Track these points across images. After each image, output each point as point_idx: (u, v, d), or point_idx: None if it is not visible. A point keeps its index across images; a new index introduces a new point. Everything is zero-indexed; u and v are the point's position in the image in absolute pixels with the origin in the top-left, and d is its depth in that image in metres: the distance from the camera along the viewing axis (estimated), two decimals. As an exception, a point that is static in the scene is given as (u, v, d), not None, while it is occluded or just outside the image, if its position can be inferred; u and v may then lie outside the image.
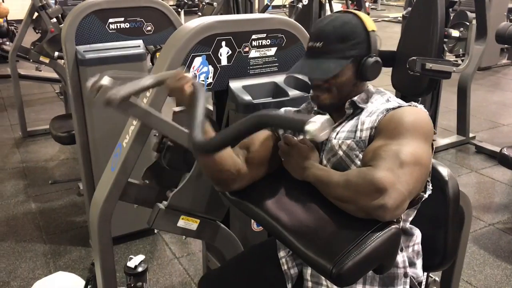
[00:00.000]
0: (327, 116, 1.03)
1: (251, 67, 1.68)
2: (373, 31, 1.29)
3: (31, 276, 2.46)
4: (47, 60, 4.07)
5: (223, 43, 1.58)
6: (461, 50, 3.62)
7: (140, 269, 2.17)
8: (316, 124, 0.98)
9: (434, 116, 4.24)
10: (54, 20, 3.80)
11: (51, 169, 3.75)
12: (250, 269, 1.47)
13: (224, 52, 1.59)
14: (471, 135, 4.27)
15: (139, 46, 2.47)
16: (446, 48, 3.59)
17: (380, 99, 1.32)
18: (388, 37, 8.38)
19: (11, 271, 2.50)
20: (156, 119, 1.44)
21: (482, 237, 2.82)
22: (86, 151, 2.50)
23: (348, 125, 1.28)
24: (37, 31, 4.39)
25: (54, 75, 4.40)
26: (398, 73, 3.70)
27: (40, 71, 5.22)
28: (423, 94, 3.65)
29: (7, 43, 5.92)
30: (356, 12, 1.30)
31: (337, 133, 1.29)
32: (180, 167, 1.60)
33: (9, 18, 6.81)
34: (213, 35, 1.55)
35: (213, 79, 1.62)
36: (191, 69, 1.55)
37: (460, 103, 4.23)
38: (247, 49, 1.64)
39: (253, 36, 1.64)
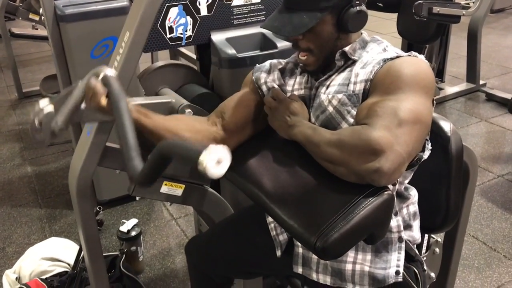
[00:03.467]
0: (223, 146, 0.85)
1: (234, 17, 1.53)
2: None
3: (27, 241, 2.42)
4: (37, 18, 3.92)
5: (202, -10, 1.43)
6: (471, -9, 3.39)
7: (133, 233, 2.12)
8: (210, 155, 0.80)
9: (442, 63, 4.06)
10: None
11: (47, 131, 3.66)
12: (238, 234, 1.39)
13: (203, 0, 1.44)
14: (481, 82, 4.08)
15: (122, -1, 2.31)
16: (455, -10, 3.38)
17: (377, 48, 1.18)
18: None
19: (6, 237, 2.46)
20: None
21: (490, 189, 2.72)
22: (74, 112, 2.40)
23: (339, 78, 1.15)
24: (24, -14, 4.20)
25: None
26: (404, 19, 3.51)
27: (37, 29, 5.06)
28: (430, 40, 3.46)
29: (0, 1, 5.74)
30: None
31: (327, 87, 1.16)
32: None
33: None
34: (189, -18, 1.40)
35: (192, 32, 1.47)
36: (167, 21, 1.41)
37: (470, 48, 4.01)
38: (229, -4, 1.49)
39: (236, -18, 1.48)
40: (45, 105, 1.13)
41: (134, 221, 2.15)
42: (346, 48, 1.16)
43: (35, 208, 2.69)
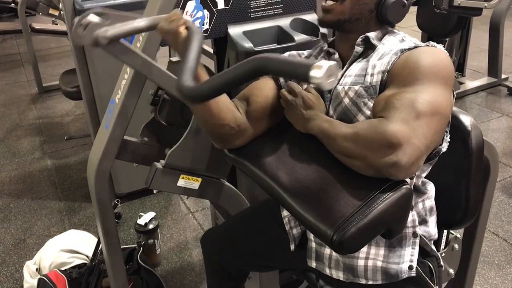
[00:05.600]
0: (334, 62, 0.88)
1: (252, 10, 1.52)
2: None
3: (46, 233, 2.45)
4: (56, 13, 3.96)
5: (219, -17, 1.43)
6: (494, -17, 3.31)
7: (151, 226, 2.13)
8: (323, 69, 0.80)
9: (463, 57, 3.99)
10: (61, -31, 3.65)
11: (66, 125, 3.71)
12: (253, 227, 1.39)
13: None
14: (503, 76, 4.01)
15: (140, -7, 2.31)
16: (477, -18, 3.31)
17: (393, 39, 1.16)
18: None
19: (27, 229, 2.50)
20: (149, 66, 1.30)
21: (512, 185, 2.67)
22: (92, 106, 2.42)
23: (356, 68, 1.13)
24: (44, -18, 4.24)
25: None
26: (424, 12, 3.46)
27: (57, 24, 5.11)
28: (451, 33, 3.40)
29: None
30: None
31: (343, 77, 1.14)
32: (178, 123, 1.49)
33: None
34: (207, -25, 1.40)
35: (209, 25, 1.47)
36: (184, 15, 1.41)
37: (492, 42, 3.94)
38: (246, -11, 1.48)
39: (253, -26, 1.47)
40: (95, 17, 1.10)
41: (151, 214, 2.17)
42: (369, 34, 1.14)
43: (54, 201, 2.73)
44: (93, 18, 1.10)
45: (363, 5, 1.14)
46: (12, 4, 5.92)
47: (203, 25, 1.45)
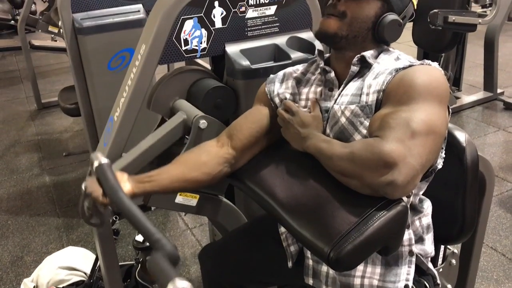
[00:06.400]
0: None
1: (249, 29, 1.54)
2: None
3: (44, 250, 2.45)
4: (56, 30, 4.00)
5: (216, 3, 1.44)
6: (487, -1, 3.37)
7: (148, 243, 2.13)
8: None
9: (459, 72, 4.02)
10: (60, -12, 3.69)
11: (65, 141, 3.72)
12: (251, 243, 1.40)
13: (217, 13, 1.46)
14: (499, 90, 4.04)
15: (139, 11, 2.34)
16: (471, -2, 3.36)
17: (388, 58, 1.17)
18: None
19: (24, 246, 2.49)
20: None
21: (509, 199, 2.67)
22: (91, 123, 2.44)
23: (352, 88, 1.15)
24: (44, 0, 4.30)
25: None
26: (419, 28, 3.50)
27: (55, 41, 5.16)
28: (446, 49, 3.44)
29: (22, 14, 5.89)
30: None
31: (340, 97, 1.16)
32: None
33: (22, -12, 6.76)
34: (204, -5, 1.42)
35: (207, 44, 1.49)
36: (182, 33, 1.43)
37: (487, 57, 3.98)
38: (243, 8, 1.50)
39: (250, -6, 1.50)
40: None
41: (149, 230, 2.16)
42: (365, 53, 1.16)
43: (53, 218, 2.73)
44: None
45: (361, 23, 1.16)
46: (12, 21, 5.99)
47: (201, 43, 1.48)
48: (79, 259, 2.14)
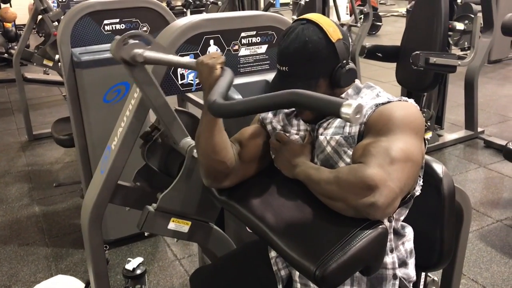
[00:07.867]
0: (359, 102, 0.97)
1: (241, 66, 1.65)
2: (339, 39, 1.23)
3: (33, 279, 2.46)
4: (50, 63, 4.10)
5: (211, 41, 1.56)
6: (466, 43, 3.55)
7: (138, 272, 2.16)
8: (352, 107, 0.90)
9: (441, 111, 4.17)
10: (57, 23, 3.81)
11: (56, 172, 3.76)
12: (242, 267, 1.45)
13: (212, 50, 1.57)
14: (479, 129, 4.19)
15: (135, 47, 2.45)
16: (451, 42, 3.53)
17: (370, 93, 1.28)
18: (396, 32, 8.29)
19: (12, 275, 2.50)
20: (161, 101, 1.41)
21: (490, 233, 2.76)
22: (85, 153, 2.50)
23: (336, 121, 1.25)
24: (40, 34, 4.41)
25: (60, 77, 4.41)
26: (402, 68, 3.66)
27: (48, 74, 5.25)
28: (428, 89, 3.58)
29: (16, 47, 5.99)
30: (318, 21, 1.23)
31: (325, 129, 1.26)
32: (162, 168, 1.57)
33: (17, 22, 6.89)
34: (200, 34, 1.52)
35: (202, 79, 1.59)
36: (179, 68, 1.53)
37: (467, 97, 4.15)
38: (236, 47, 1.61)
39: (242, 34, 1.61)
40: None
41: (139, 259, 2.20)
42: (342, 95, 1.27)
43: (42, 247, 2.74)
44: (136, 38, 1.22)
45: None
46: (6, 54, 6.09)
47: (196, 78, 1.57)
48: (68, 287, 2.16)
